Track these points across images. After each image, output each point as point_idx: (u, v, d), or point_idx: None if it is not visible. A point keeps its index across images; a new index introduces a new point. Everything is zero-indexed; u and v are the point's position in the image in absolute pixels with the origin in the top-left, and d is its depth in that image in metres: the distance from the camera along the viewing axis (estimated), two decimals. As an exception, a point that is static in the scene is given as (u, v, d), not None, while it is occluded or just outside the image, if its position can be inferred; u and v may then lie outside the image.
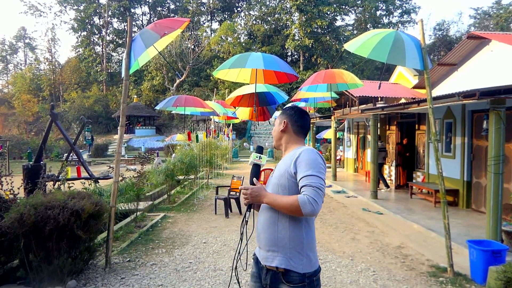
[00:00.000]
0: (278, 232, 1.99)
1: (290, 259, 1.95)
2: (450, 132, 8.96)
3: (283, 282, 1.96)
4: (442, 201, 4.83)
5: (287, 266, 1.95)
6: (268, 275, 2.01)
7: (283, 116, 2.24)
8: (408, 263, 5.20)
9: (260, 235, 2.07)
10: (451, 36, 41.04)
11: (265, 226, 2.04)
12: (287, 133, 2.19)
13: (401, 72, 14.18)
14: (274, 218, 2.01)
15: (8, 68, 56.29)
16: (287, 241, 1.97)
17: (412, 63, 4.71)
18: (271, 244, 1.99)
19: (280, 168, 2.10)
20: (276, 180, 2.07)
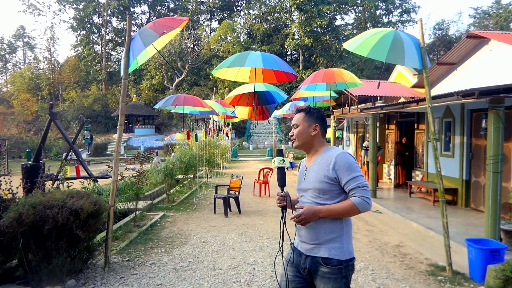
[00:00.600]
0: (320, 227, 2.21)
1: (332, 249, 2.18)
2: (449, 131, 8.96)
3: (322, 265, 2.17)
4: (440, 200, 4.84)
5: (329, 255, 2.17)
6: (307, 260, 2.23)
7: (312, 120, 2.36)
8: (407, 262, 5.20)
9: (301, 231, 2.27)
10: (451, 36, 41.05)
11: (308, 226, 2.23)
12: (317, 136, 2.36)
13: (400, 71, 14.19)
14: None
15: (7, 67, 56.26)
16: (328, 234, 2.20)
17: (411, 63, 4.71)
18: (314, 239, 2.21)
19: (317, 172, 2.25)
20: (314, 185, 2.23)
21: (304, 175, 2.35)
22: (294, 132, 2.39)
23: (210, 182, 13.08)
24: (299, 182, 2.37)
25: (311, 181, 2.26)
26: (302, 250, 2.27)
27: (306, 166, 2.37)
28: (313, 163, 2.32)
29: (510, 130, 6.92)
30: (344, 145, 17.50)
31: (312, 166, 2.31)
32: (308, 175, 2.30)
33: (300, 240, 2.30)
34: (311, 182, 2.26)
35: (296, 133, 2.37)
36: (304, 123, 2.35)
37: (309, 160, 2.38)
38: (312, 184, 2.25)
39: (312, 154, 2.37)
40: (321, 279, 2.18)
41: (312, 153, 2.37)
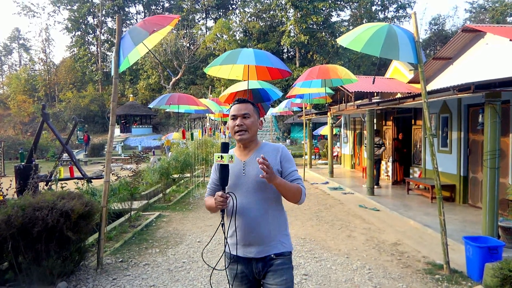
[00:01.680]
0: (269, 224, 2.13)
1: (283, 243, 2.16)
2: (446, 126, 8.90)
3: (274, 259, 2.13)
4: (437, 197, 4.77)
5: (282, 249, 2.15)
6: (259, 263, 2.13)
7: (257, 113, 2.26)
8: (404, 260, 5.14)
9: (249, 234, 2.12)
10: (447, 31, 41.03)
11: (255, 224, 2.11)
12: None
13: (396, 67, 14.12)
14: (263, 212, 2.12)
15: (3, 69, 56.01)
16: (277, 229, 2.16)
17: (406, 57, 4.63)
18: (265, 238, 2.11)
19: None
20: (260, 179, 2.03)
21: (243, 169, 2.16)
22: (245, 123, 2.16)
23: (207, 181, 12.98)
24: (236, 177, 2.14)
25: (254, 175, 2.10)
26: (251, 255, 2.13)
27: (243, 160, 2.19)
28: (254, 157, 2.17)
29: (507, 124, 6.86)
30: (342, 142, 17.45)
31: (253, 159, 2.16)
32: (249, 169, 2.14)
33: (245, 244, 2.13)
34: (254, 175, 2.10)
35: (249, 124, 2.17)
36: (254, 115, 2.22)
37: (244, 154, 2.22)
38: (257, 177, 2.08)
39: (250, 148, 2.23)
40: (273, 274, 2.11)
41: (251, 147, 2.23)
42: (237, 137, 2.17)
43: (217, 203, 2.02)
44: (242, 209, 2.11)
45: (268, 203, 2.14)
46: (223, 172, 2.04)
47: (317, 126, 24.84)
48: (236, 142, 2.26)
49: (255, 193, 2.12)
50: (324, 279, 4.45)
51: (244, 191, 2.13)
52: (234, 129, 2.19)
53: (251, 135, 2.19)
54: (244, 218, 2.11)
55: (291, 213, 7.87)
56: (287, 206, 2.30)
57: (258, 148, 2.22)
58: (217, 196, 2.03)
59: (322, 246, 5.77)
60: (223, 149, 2.06)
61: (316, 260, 5.11)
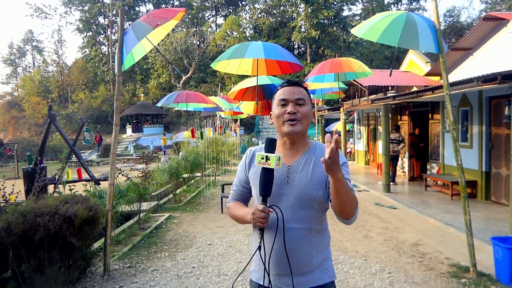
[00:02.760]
0: (313, 249, 1.66)
1: (327, 271, 1.71)
2: (466, 120, 8.49)
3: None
4: (462, 196, 4.45)
5: (327, 279, 1.70)
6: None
7: (309, 99, 1.74)
8: (426, 262, 4.84)
9: (286, 261, 1.60)
10: (462, 23, 39.89)
11: (295, 248, 1.62)
12: None
13: (412, 60, 13.64)
14: (306, 234, 1.64)
15: (17, 72, 56.84)
16: (322, 255, 1.70)
17: (426, 46, 4.31)
18: (307, 266, 1.65)
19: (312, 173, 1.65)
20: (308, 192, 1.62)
21: (286, 176, 1.66)
22: (300, 110, 1.65)
23: (219, 180, 12.81)
24: (277, 186, 1.63)
25: (301, 186, 1.63)
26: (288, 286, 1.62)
27: (287, 165, 1.68)
28: (301, 161, 1.68)
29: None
30: (355, 138, 17.05)
31: (301, 164, 1.67)
32: (295, 177, 1.65)
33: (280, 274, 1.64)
34: (301, 186, 1.63)
35: (304, 113, 1.66)
36: (309, 103, 1.71)
37: (290, 155, 1.71)
38: (304, 189, 1.62)
39: (298, 148, 1.71)
40: None
41: (299, 147, 1.71)
42: (286, 128, 1.64)
43: (256, 219, 1.55)
44: (282, 230, 1.61)
45: (314, 222, 1.66)
46: (266, 178, 1.56)
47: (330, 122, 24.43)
48: (280, 138, 1.74)
49: (298, 208, 1.63)
50: (342, 285, 4.18)
51: (284, 205, 1.63)
52: (283, 118, 1.65)
53: (304, 128, 1.67)
54: (280, 241, 1.60)
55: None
56: None
57: (308, 150, 1.71)
58: (256, 210, 1.55)
59: (338, 247, 5.50)
60: (269, 147, 1.58)
61: (333, 263, 4.83)
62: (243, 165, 1.83)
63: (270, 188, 1.57)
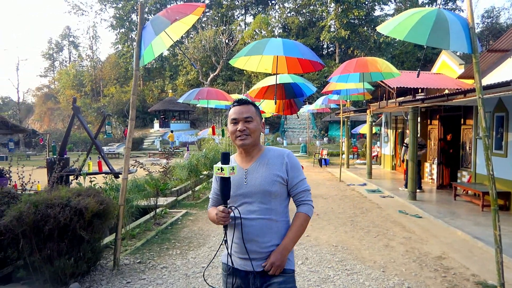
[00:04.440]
0: (272, 236, 1.96)
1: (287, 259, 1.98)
2: (502, 127, 7.96)
3: (275, 276, 1.94)
4: (492, 209, 4.10)
5: (287, 266, 1.97)
6: (257, 278, 1.95)
7: (259, 115, 2.09)
8: (449, 278, 4.51)
9: (249, 245, 1.93)
10: (501, 24, 37.97)
11: (256, 235, 1.94)
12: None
13: (444, 61, 13.02)
14: (266, 223, 1.95)
15: (54, 65, 59.23)
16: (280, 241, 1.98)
17: (458, 46, 3.98)
18: (266, 250, 1.94)
19: (267, 173, 1.98)
20: (265, 188, 1.95)
21: (244, 178, 1.98)
22: (248, 127, 1.98)
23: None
24: (237, 187, 1.96)
25: (257, 184, 1.95)
26: (249, 268, 1.93)
27: (245, 168, 2.01)
28: (256, 164, 2.01)
29: None
30: (382, 142, 16.52)
31: (256, 166, 2.00)
32: (252, 177, 1.97)
33: (244, 256, 1.94)
34: (257, 185, 1.95)
35: (252, 128, 1.99)
36: (257, 118, 2.03)
37: (246, 161, 2.04)
38: (260, 187, 1.94)
39: (253, 155, 2.05)
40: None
41: (253, 153, 2.05)
42: (238, 142, 2.00)
43: (218, 219, 1.89)
44: (243, 220, 1.94)
45: (272, 214, 1.97)
46: (223, 185, 1.88)
47: (356, 124, 23.89)
48: (237, 148, 2.08)
49: (258, 203, 1.96)
50: (355, 296, 3.96)
51: (246, 201, 1.97)
52: (235, 134, 2.01)
53: (253, 140, 2.01)
54: (245, 229, 1.94)
55: (324, 216, 7.36)
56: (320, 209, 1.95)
57: (262, 154, 2.05)
58: (218, 211, 1.89)
59: (356, 256, 5.25)
60: (223, 159, 1.88)
61: (348, 273, 4.61)
62: (215, 177, 2.11)
63: (228, 193, 1.89)
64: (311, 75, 30.79)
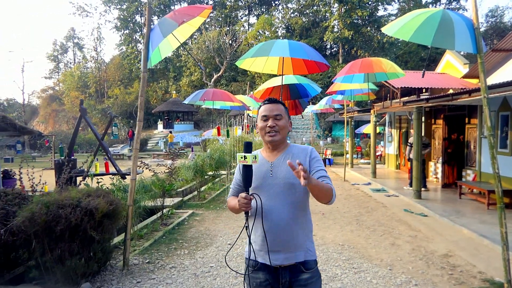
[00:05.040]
0: (297, 229, 2.04)
1: (309, 250, 2.08)
2: (506, 126, 7.97)
3: (303, 271, 2.03)
4: (498, 207, 4.13)
5: (308, 257, 2.06)
6: (286, 272, 2.03)
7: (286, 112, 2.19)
8: (456, 275, 4.54)
9: (275, 239, 2.00)
10: (506, 23, 37.75)
11: (282, 228, 2.01)
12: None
13: (449, 61, 13.01)
14: (291, 216, 2.02)
15: (59, 67, 59.58)
16: (304, 235, 2.07)
17: (463, 46, 4.02)
18: (292, 244, 2.02)
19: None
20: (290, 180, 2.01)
21: (270, 170, 2.07)
22: (278, 123, 2.10)
23: (244, 179, 12.78)
24: (263, 178, 2.05)
25: (282, 177, 2.04)
26: (277, 262, 2.01)
27: (270, 162, 2.10)
28: (281, 157, 2.11)
29: None
30: (386, 141, 16.52)
31: (281, 160, 2.10)
32: (277, 170, 2.06)
33: (271, 250, 2.01)
34: (283, 177, 2.03)
35: (281, 125, 2.11)
36: (285, 116, 2.15)
37: (272, 155, 2.14)
38: (286, 179, 2.02)
39: (279, 150, 2.15)
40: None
41: (280, 148, 2.16)
42: (268, 138, 2.11)
43: (240, 205, 1.93)
44: (268, 212, 2.01)
45: (296, 207, 2.05)
46: (246, 173, 1.96)
47: (360, 124, 23.86)
48: (264, 143, 2.19)
49: (282, 196, 2.03)
50: (363, 294, 4.00)
51: (270, 194, 2.04)
52: (265, 130, 2.12)
53: (282, 137, 2.13)
54: (270, 222, 2.00)
55: (329, 216, 7.39)
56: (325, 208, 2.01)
57: (287, 150, 2.16)
58: (240, 197, 1.93)
59: (362, 254, 5.28)
60: (246, 149, 1.97)
61: (355, 271, 4.65)
62: (238, 168, 2.22)
63: (250, 180, 1.96)
64: (315, 76, 30.81)
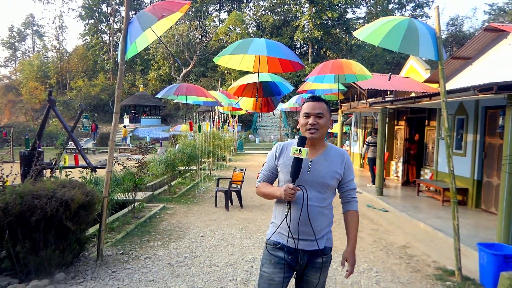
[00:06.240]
0: (323, 221, 2.22)
1: (328, 240, 2.28)
2: (462, 129, 8.61)
3: (319, 256, 2.22)
4: (452, 201, 4.55)
5: (328, 244, 2.28)
6: (305, 255, 2.21)
7: (328, 111, 2.28)
8: (413, 264, 4.94)
9: (304, 227, 2.17)
10: (465, 32, 40.09)
11: (311, 219, 2.16)
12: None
13: (412, 66, 13.75)
14: (321, 209, 2.20)
15: (16, 55, 56.44)
16: (327, 226, 2.27)
17: (426, 53, 4.40)
18: (318, 232, 2.19)
19: (330, 167, 2.23)
20: (324, 180, 2.20)
21: (308, 167, 2.21)
22: (318, 122, 2.21)
23: (214, 174, 12.88)
24: (301, 173, 2.15)
25: (319, 175, 2.20)
26: (300, 247, 2.20)
27: (310, 159, 2.23)
28: (321, 157, 2.25)
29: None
30: (352, 141, 17.16)
31: (320, 160, 2.24)
32: (315, 168, 2.22)
33: (296, 238, 2.19)
34: (319, 176, 2.20)
35: (321, 124, 2.23)
36: (327, 115, 2.26)
37: (311, 153, 2.25)
38: (321, 178, 2.20)
39: (318, 148, 2.28)
40: (316, 270, 2.23)
41: (318, 147, 2.29)
42: (308, 135, 2.20)
43: (286, 194, 2.05)
44: (303, 204, 2.17)
45: (325, 203, 2.23)
46: (297, 165, 2.08)
47: (327, 123, 24.48)
48: None
49: (315, 192, 2.19)
50: (329, 281, 4.27)
51: (305, 187, 2.17)
52: (306, 127, 2.22)
53: (321, 135, 2.24)
54: (302, 212, 2.16)
55: (297, 210, 7.68)
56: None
57: (325, 150, 2.29)
58: (287, 187, 2.05)
59: (328, 246, 5.59)
60: (301, 142, 2.10)
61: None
62: (273, 155, 2.34)
63: (299, 172, 2.10)
64: (284, 74, 31.26)
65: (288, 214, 2.13)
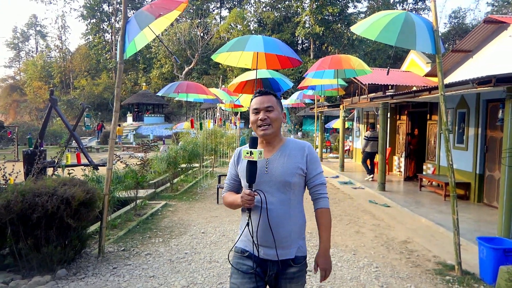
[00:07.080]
0: (290, 226, 2.00)
1: (300, 247, 2.04)
2: (463, 122, 8.58)
3: (292, 265, 2.01)
4: (451, 195, 4.55)
5: (300, 253, 2.04)
6: (274, 266, 2.00)
7: (280, 105, 2.11)
8: (413, 259, 4.95)
9: (269, 235, 1.95)
10: (467, 24, 39.79)
11: (276, 225, 1.96)
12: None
13: (413, 60, 13.69)
14: (284, 213, 2.00)
15: (20, 56, 56.71)
16: (297, 232, 2.03)
17: (423, 47, 4.39)
18: (285, 241, 1.99)
19: (288, 164, 2.01)
20: (284, 178, 1.99)
21: (265, 167, 2.00)
22: (269, 116, 2.01)
23: (216, 171, 12.93)
24: (258, 176, 1.96)
25: (278, 174, 1.98)
26: (268, 257, 1.99)
27: (266, 158, 2.03)
28: (278, 154, 2.04)
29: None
30: (354, 136, 17.14)
31: (277, 157, 2.03)
32: (272, 167, 2.00)
33: (264, 245, 1.99)
34: (278, 175, 1.98)
35: (273, 117, 2.01)
36: (278, 108, 2.06)
37: (267, 151, 2.07)
38: (281, 177, 1.98)
39: (274, 145, 2.08)
40: (290, 281, 2.02)
41: (275, 143, 2.09)
42: (260, 132, 2.03)
43: (243, 201, 1.90)
44: (263, 209, 1.97)
45: (290, 204, 2.01)
46: (251, 169, 1.90)
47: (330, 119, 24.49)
48: (258, 138, 2.09)
49: (277, 194, 1.99)
50: (329, 277, 4.29)
51: (265, 190, 1.97)
52: (256, 124, 2.03)
53: (275, 129, 2.04)
54: (262, 218, 1.96)
55: (298, 206, 7.71)
56: None
57: (283, 145, 2.08)
58: (244, 194, 1.90)
59: (329, 241, 5.60)
60: (252, 144, 1.93)
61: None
62: (232, 162, 2.19)
63: (254, 176, 1.91)
64: (286, 71, 31.20)
65: (249, 222, 1.94)
